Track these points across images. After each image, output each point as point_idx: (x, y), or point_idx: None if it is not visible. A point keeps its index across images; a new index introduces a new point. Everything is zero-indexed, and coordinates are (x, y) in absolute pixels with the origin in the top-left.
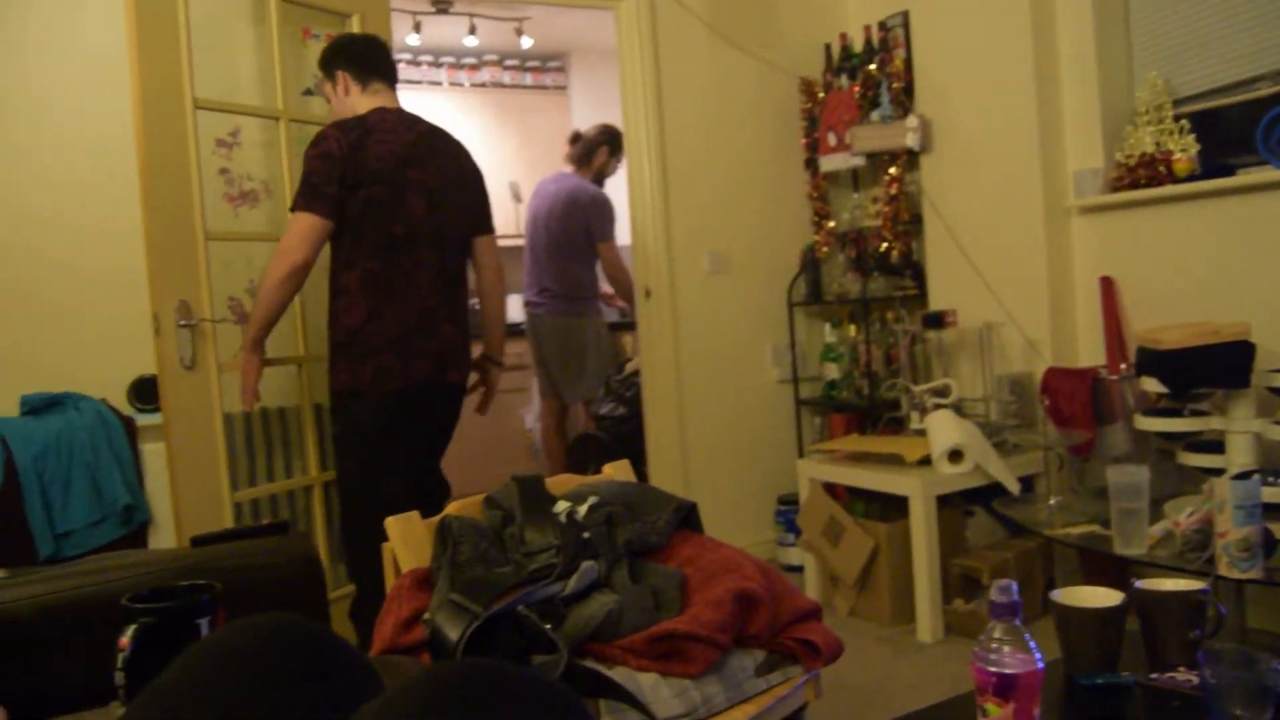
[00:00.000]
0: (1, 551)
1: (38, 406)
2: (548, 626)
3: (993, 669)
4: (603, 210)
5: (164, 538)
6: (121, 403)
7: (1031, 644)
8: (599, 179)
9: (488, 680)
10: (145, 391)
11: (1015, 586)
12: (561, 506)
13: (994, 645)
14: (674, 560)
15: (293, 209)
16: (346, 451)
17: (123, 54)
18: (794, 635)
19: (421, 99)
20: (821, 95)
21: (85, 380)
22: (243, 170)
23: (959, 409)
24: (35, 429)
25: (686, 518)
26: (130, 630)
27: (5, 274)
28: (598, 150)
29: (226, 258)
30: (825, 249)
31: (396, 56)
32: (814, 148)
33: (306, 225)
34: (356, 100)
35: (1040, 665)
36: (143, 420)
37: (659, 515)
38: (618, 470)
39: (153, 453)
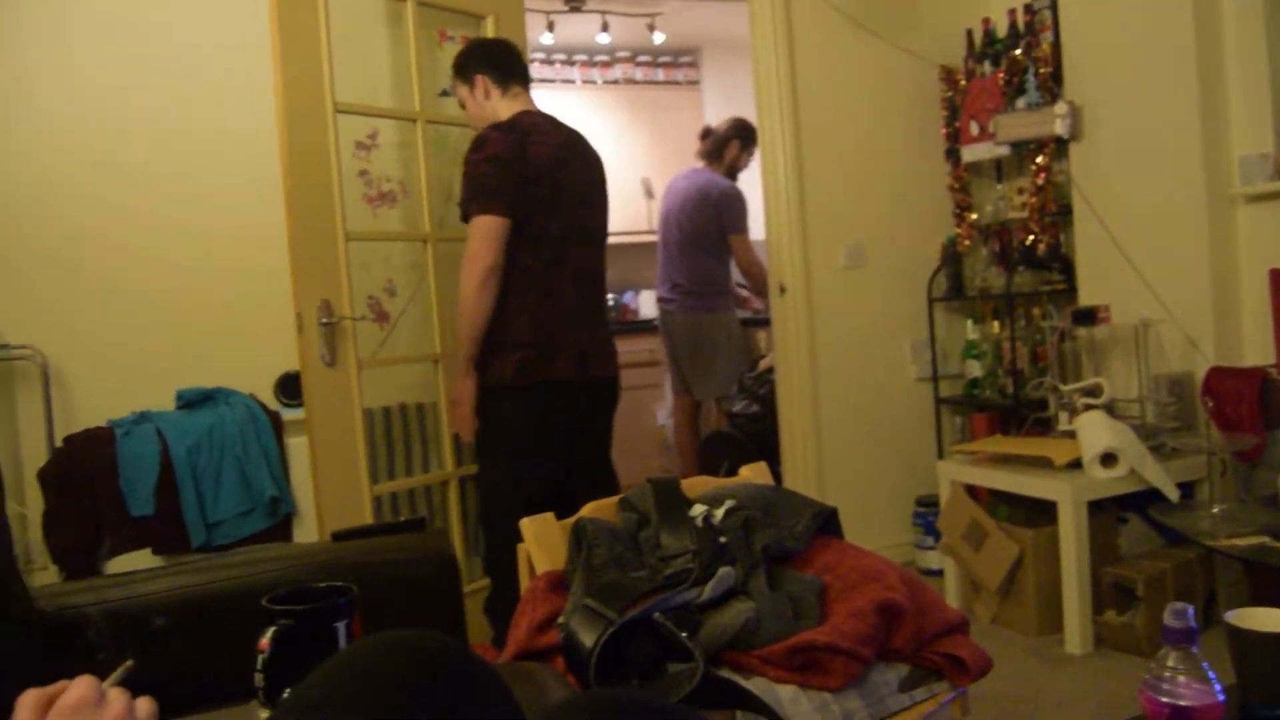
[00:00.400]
0: (157, 539)
1: (192, 401)
2: (684, 634)
3: (1166, 699)
4: (734, 203)
5: (308, 528)
6: (269, 398)
7: (1211, 674)
8: (731, 173)
9: (624, 714)
10: (290, 387)
11: (1191, 611)
12: (697, 510)
13: (1167, 674)
14: (813, 567)
15: (466, 217)
16: (490, 446)
17: (265, 57)
18: (939, 649)
19: (555, 98)
20: (963, 83)
21: (236, 376)
22: (381, 172)
23: (1111, 410)
24: (189, 423)
25: (826, 523)
26: (269, 632)
27: (164, 276)
28: (728, 144)
29: (365, 258)
30: (967, 242)
31: (530, 56)
32: (955, 137)
33: (486, 227)
34: (497, 104)
35: (1221, 698)
36: (288, 415)
37: (797, 520)
38: (755, 473)
39: (297, 446)
